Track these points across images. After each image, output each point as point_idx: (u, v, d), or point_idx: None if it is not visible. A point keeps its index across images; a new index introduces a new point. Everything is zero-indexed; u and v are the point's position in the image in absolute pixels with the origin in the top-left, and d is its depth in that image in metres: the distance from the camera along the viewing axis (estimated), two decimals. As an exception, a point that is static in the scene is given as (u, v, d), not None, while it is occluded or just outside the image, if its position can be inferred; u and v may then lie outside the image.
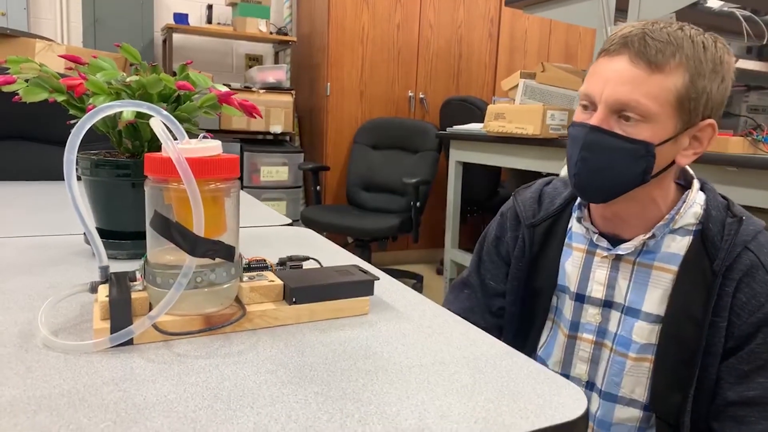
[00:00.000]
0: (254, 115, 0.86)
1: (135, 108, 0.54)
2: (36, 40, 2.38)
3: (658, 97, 0.75)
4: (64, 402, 0.42)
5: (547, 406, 0.46)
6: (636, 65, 0.75)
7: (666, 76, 0.74)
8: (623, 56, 0.76)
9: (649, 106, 0.75)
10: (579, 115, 0.83)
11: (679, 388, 0.82)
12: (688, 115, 0.77)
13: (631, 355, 0.85)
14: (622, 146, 0.77)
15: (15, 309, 0.59)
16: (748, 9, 2.24)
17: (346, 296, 0.63)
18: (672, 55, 0.74)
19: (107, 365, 0.48)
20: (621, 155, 0.78)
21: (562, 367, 0.93)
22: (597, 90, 0.78)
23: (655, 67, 0.74)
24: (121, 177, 0.77)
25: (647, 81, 0.74)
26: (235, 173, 0.57)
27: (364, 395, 0.45)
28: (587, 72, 0.84)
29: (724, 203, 0.85)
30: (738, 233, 0.80)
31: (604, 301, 0.88)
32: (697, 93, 0.76)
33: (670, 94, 0.75)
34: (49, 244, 0.87)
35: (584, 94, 0.81)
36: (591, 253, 0.90)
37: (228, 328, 0.56)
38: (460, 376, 0.50)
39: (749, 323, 0.77)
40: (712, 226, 0.81)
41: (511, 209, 1.02)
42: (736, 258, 0.79)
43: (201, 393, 0.44)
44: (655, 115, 0.75)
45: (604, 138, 0.78)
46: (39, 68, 0.76)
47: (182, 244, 0.51)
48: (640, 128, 0.76)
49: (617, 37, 0.78)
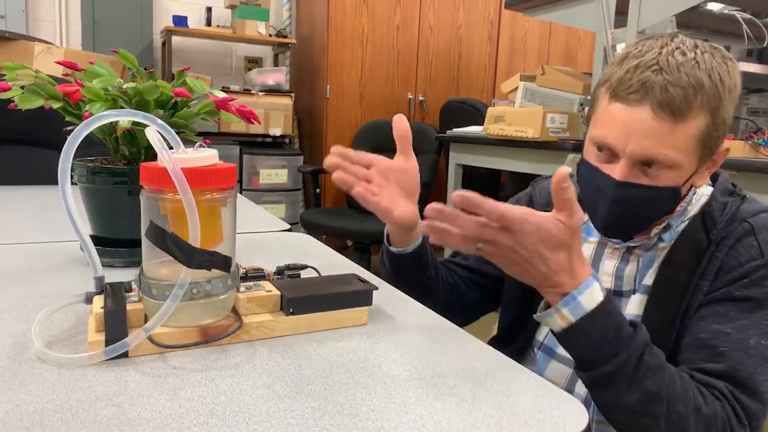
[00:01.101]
0: (252, 121, 0.86)
1: (130, 117, 0.54)
2: (35, 43, 2.38)
3: (683, 146, 0.73)
4: (56, 418, 0.41)
5: (548, 420, 0.45)
6: (660, 118, 0.72)
7: (689, 122, 0.72)
8: (644, 107, 0.72)
9: (675, 157, 0.73)
10: (593, 156, 0.80)
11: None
12: (710, 150, 0.77)
13: None
14: (651, 195, 0.77)
15: (9, 319, 0.59)
16: (748, 12, 2.24)
17: (345, 306, 0.62)
18: (694, 98, 0.72)
19: (101, 379, 0.47)
20: (650, 203, 0.78)
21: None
22: (619, 143, 0.75)
23: (680, 116, 0.72)
24: (117, 184, 0.77)
25: (673, 132, 0.72)
26: (231, 182, 0.56)
27: (361, 410, 0.45)
28: (596, 100, 0.80)
29: (731, 188, 0.85)
30: (739, 209, 0.80)
31: (613, 291, 0.88)
32: (718, 128, 0.75)
33: (694, 138, 0.73)
34: (45, 251, 0.86)
35: (601, 141, 0.78)
36: (602, 245, 0.90)
37: (224, 340, 0.55)
38: (460, 389, 0.49)
39: (726, 280, 0.76)
40: (714, 204, 0.82)
41: (526, 195, 1.03)
42: (732, 230, 0.78)
43: (196, 408, 0.44)
44: (680, 163, 0.74)
45: (634, 191, 0.76)
46: (35, 75, 0.76)
47: (178, 255, 0.50)
48: (665, 175, 0.75)
49: (635, 81, 0.73)
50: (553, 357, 0.94)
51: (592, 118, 0.82)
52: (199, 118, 0.81)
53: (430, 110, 3.84)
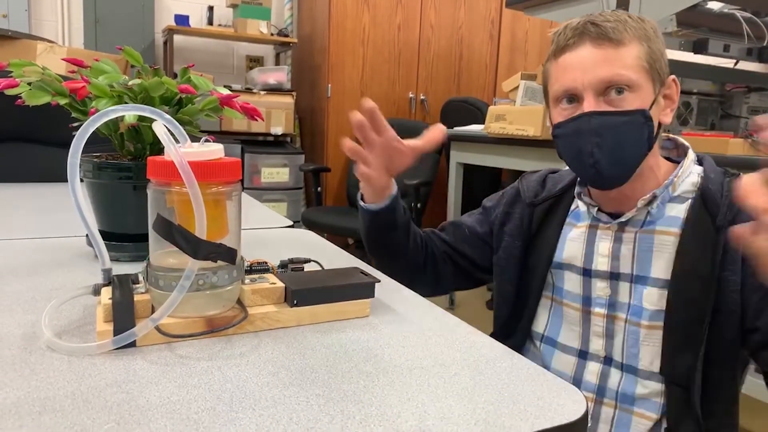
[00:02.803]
0: (256, 118, 0.87)
1: (137, 112, 0.55)
2: (37, 41, 2.39)
3: (633, 66, 0.81)
4: (68, 403, 0.42)
5: (547, 408, 0.46)
6: (601, 46, 0.81)
7: (628, 47, 0.81)
8: (585, 44, 0.82)
9: (630, 76, 0.80)
10: (563, 113, 0.85)
11: (689, 348, 0.82)
12: (659, 75, 0.83)
13: (644, 323, 0.86)
14: (625, 120, 0.81)
15: (19, 311, 0.60)
16: (748, 10, 2.24)
17: (347, 298, 0.63)
18: (624, 29, 0.81)
19: (110, 367, 0.48)
20: (627, 129, 0.81)
21: (581, 343, 0.93)
22: (577, 80, 0.82)
23: (618, 43, 0.81)
24: (123, 180, 0.78)
25: (618, 55, 0.80)
26: (236, 176, 0.57)
27: (365, 397, 0.46)
28: (547, 73, 0.88)
29: (722, 169, 0.88)
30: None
31: (611, 273, 0.89)
32: (656, 55, 0.83)
33: (641, 60, 0.81)
34: (52, 246, 0.87)
35: (564, 90, 0.84)
36: (594, 227, 0.92)
37: (230, 330, 0.56)
38: (461, 378, 0.50)
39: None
40: (712, 186, 0.84)
41: (514, 188, 1.06)
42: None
43: (203, 395, 0.45)
44: (637, 83, 0.81)
45: (608, 119, 0.81)
46: (42, 72, 0.77)
47: (185, 246, 0.51)
48: (630, 99, 0.81)
49: (569, 32, 0.83)
50: (556, 347, 0.95)
51: (548, 90, 0.89)
52: (203, 115, 0.82)
53: (431, 109, 3.85)
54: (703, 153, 0.92)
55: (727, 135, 1.69)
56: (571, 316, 0.94)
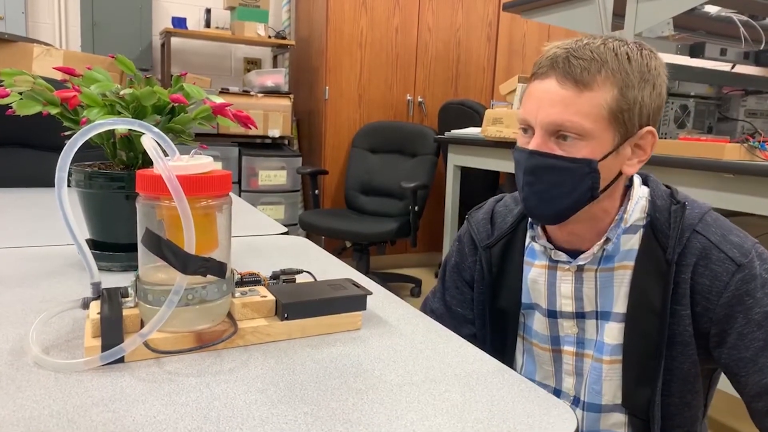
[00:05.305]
0: (249, 126, 0.86)
1: (126, 126, 0.54)
2: (34, 44, 2.38)
3: (590, 114, 0.76)
4: (53, 424, 0.42)
5: (537, 425, 0.46)
6: (564, 86, 0.76)
7: (594, 92, 0.75)
8: (551, 78, 0.77)
9: (582, 124, 0.76)
10: (520, 139, 0.84)
11: (647, 382, 0.82)
12: (624, 126, 0.78)
13: (605, 359, 0.85)
14: (565, 166, 0.78)
15: (6, 324, 0.59)
16: (745, 14, 2.24)
17: (339, 311, 0.63)
18: (597, 71, 0.75)
19: (97, 384, 0.48)
20: (565, 176, 0.78)
21: (555, 381, 0.93)
22: (532, 114, 0.79)
23: (582, 86, 0.75)
24: (115, 189, 0.77)
25: (577, 100, 0.76)
26: (226, 189, 0.57)
27: (353, 416, 0.45)
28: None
29: (668, 191, 0.86)
30: (684, 218, 0.81)
31: (576, 313, 0.88)
32: (629, 104, 0.77)
33: (602, 109, 0.76)
34: (42, 255, 0.87)
35: (521, 118, 0.82)
36: (553, 268, 0.90)
37: (219, 345, 0.56)
38: (451, 394, 0.50)
39: (722, 305, 0.77)
40: (659, 216, 0.82)
41: (467, 233, 1.01)
42: (686, 243, 0.79)
43: (191, 413, 0.44)
44: (590, 132, 0.76)
45: (545, 160, 0.79)
46: (33, 81, 0.76)
47: (174, 262, 0.51)
48: (579, 146, 0.77)
49: (544, 60, 0.79)
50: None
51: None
52: (196, 123, 0.82)
53: (429, 112, 3.85)
54: (646, 173, 0.89)
55: (723, 140, 1.68)
56: (542, 357, 0.93)
